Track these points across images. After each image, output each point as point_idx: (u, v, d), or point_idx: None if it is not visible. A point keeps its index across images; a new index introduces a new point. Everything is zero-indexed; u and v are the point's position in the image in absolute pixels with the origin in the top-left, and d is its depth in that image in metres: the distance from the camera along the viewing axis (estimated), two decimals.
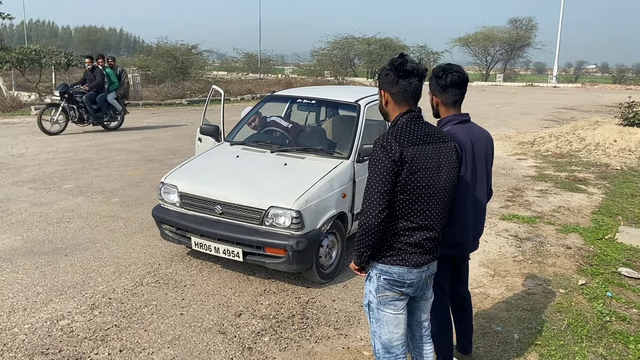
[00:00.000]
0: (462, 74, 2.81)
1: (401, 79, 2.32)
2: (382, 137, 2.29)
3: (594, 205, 7.16)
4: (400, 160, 2.22)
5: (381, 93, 2.43)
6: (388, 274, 2.37)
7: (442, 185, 2.35)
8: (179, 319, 3.80)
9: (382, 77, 2.39)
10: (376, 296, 2.42)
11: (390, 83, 2.36)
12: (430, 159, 2.30)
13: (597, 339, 3.67)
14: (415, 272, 2.38)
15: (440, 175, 2.33)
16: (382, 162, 2.24)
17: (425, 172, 2.28)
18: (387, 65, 2.37)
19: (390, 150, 2.23)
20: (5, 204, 6.32)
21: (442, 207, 2.38)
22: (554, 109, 22.47)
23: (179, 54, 25.21)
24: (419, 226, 2.33)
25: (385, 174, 2.23)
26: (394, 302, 2.41)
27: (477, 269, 4.86)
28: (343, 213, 4.57)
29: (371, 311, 2.47)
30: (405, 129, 2.30)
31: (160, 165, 8.71)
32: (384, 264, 2.37)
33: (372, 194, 2.25)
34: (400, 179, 2.24)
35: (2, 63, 18.03)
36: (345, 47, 44.73)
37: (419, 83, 2.36)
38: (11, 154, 9.23)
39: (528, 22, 55.78)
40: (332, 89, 7.75)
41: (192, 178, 4.65)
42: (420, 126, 2.35)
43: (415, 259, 2.36)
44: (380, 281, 2.39)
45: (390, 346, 2.46)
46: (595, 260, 5.09)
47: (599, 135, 11.49)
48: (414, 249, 2.35)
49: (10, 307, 3.86)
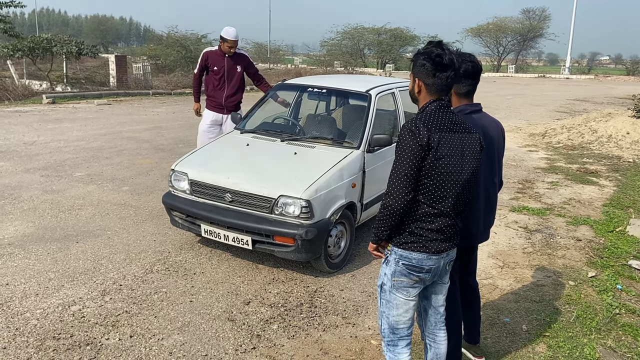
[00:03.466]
0: (476, 64, 2.80)
1: (438, 72, 2.31)
2: (411, 122, 2.30)
3: (605, 197, 7.10)
4: (427, 145, 2.25)
5: (415, 80, 2.39)
6: (407, 259, 2.39)
7: (465, 175, 2.37)
8: (189, 305, 3.83)
9: (418, 66, 2.35)
10: (391, 279, 2.44)
11: (426, 74, 2.33)
12: (455, 147, 2.33)
13: (606, 332, 3.66)
14: (434, 258, 2.40)
15: (463, 164, 2.35)
16: (410, 146, 2.26)
17: (450, 159, 2.30)
18: (425, 54, 2.32)
19: (418, 135, 2.25)
20: (18, 191, 6.38)
21: (463, 196, 2.41)
22: (566, 100, 22.24)
23: (189, 44, 25.24)
24: (440, 212, 2.35)
25: (412, 158, 2.25)
26: (407, 289, 2.44)
27: (486, 260, 4.85)
28: (352, 203, 4.57)
29: (383, 292, 2.50)
30: (434, 116, 2.32)
31: (170, 154, 8.74)
32: (404, 249, 2.39)
33: (398, 177, 2.28)
34: (426, 164, 2.27)
35: (14, 52, 18.13)
36: (355, 37, 44.53)
37: (454, 76, 2.36)
38: (23, 142, 9.30)
39: (541, 12, 55.16)
40: (342, 78, 7.71)
41: (203, 166, 4.67)
42: (448, 114, 2.37)
43: (435, 245, 2.38)
44: (399, 266, 2.41)
45: (396, 327, 2.51)
46: (605, 253, 5.06)
47: (612, 127, 11.37)
48: (435, 235, 2.37)
49: (22, 293, 3.92)
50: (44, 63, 19.93)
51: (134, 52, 29.48)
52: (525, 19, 54.83)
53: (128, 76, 19.90)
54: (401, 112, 5.46)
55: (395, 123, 5.49)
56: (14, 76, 18.65)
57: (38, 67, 19.78)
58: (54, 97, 15.51)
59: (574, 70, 51.58)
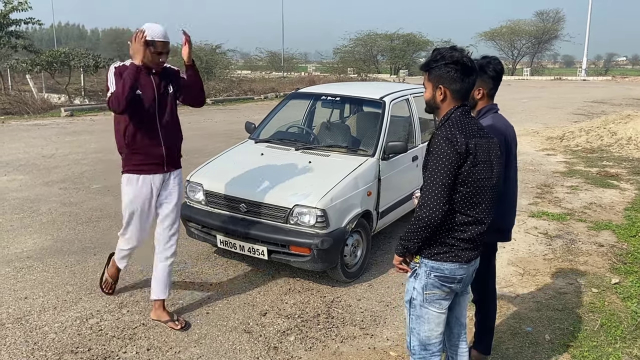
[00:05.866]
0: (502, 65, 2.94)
1: (465, 77, 2.28)
2: (445, 130, 2.24)
3: (626, 201, 6.95)
4: (466, 152, 2.21)
5: (439, 88, 2.31)
6: (439, 270, 2.34)
7: (495, 179, 2.35)
8: (205, 317, 3.82)
9: (443, 73, 2.28)
10: (422, 293, 2.38)
11: (452, 80, 2.28)
12: (486, 153, 2.30)
13: (632, 340, 3.55)
14: (465, 267, 2.37)
15: (492, 169, 2.34)
16: (447, 155, 2.19)
17: (484, 165, 2.28)
18: (446, 59, 2.26)
19: (456, 143, 2.19)
20: (36, 204, 6.45)
21: (492, 202, 2.38)
22: (584, 102, 21.94)
23: (203, 54, 25.45)
24: (474, 220, 2.31)
25: (449, 167, 2.20)
26: (439, 301, 2.39)
27: (506, 267, 4.77)
28: (368, 211, 4.53)
29: (413, 307, 2.43)
30: (463, 122, 2.28)
31: (186, 164, 8.68)
32: (436, 260, 2.34)
33: (435, 187, 2.21)
34: (462, 171, 2.22)
35: (33, 66, 18.48)
36: (368, 43, 44.54)
37: (476, 79, 2.36)
38: (42, 155, 9.43)
39: (555, 14, 54.57)
40: (356, 86, 7.70)
41: (217, 176, 4.67)
42: (473, 120, 2.35)
43: (467, 254, 2.34)
44: (430, 278, 2.35)
45: (427, 343, 2.44)
46: (628, 258, 4.93)
47: (631, 129, 11.16)
48: (466, 245, 2.33)
49: (41, 306, 3.94)
50: (62, 77, 20.26)
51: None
52: (539, 21, 54.37)
53: None
54: (416, 119, 5.42)
55: (410, 130, 5.44)
56: (33, 90, 19.01)
57: (56, 81, 20.12)
58: (72, 109, 15.74)
59: (590, 71, 50.91)
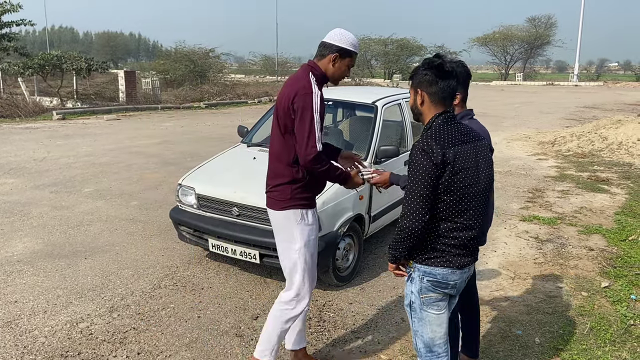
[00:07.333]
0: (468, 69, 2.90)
1: (440, 80, 2.30)
2: (422, 141, 2.25)
3: (617, 205, 7.01)
4: (442, 162, 2.20)
5: (417, 92, 2.36)
6: (432, 275, 2.35)
7: (482, 184, 2.34)
8: (196, 321, 3.81)
9: (420, 77, 2.34)
10: (419, 297, 2.40)
11: (429, 83, 2.31)
12: (470, 159, 2.29)
13: (621, 343, 3.58)
14: (458, 273, 2.36)
15: (479, 174, 2.33)
16: (424, 166, 2.20)
17: (467, 172, 2.27)
18: (424, 65, 2.34)
19: (431, 154, 2.20)
20: (27, 208, 6.42)
21: (482, 206, 2.37)
22: (575, 107, 22.12)
23: (196, 58, 25.45)
24: (463, 226, 2.31)
25: (427, 178, 2.20)
26: (437, 303, 2.40)
27: (497, 271, 4.79)
28: (360, 215, 4.54)
29: (413, 311, 2.45)
30: (443, 130, 2.28)
31: (178, 168, 8.77)
32: (428, 265, 2.35)
33: (414, 198, 2.22)
34: (443, 181, 2.22)
35: (25, 69, 18.39)
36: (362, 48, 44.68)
37: (456, 84, 2.36)
38: (33, 158, 9.39)
39: (547, 19, 55.09)
40: (349, 90, 7.70)
41: (209, 180, 4.67)
42: (456, 126, 2.34)
43: (459, 260, 2.34)
44: (424, 283, 2.37)
45: (432, 345, 2.45)
46: (618, 262, 4.97)
47: (622, 134, 11.26)
48: (458, 251, 2.33)
49: (31, 310, 3.91)
50: (55, 80, 20.18)
51: (143, 68, 29.75)
52: (531, 27, 54.79)
53: (137, 91, 20.10)
54: (408, 123, 5.44)
55: (402, 134, 5.46)
56: (24, 93, 18.89)
57: (48, 84, 20.04)
58: (64, 113, 15.69)
59: (582, 77, 51.34)
